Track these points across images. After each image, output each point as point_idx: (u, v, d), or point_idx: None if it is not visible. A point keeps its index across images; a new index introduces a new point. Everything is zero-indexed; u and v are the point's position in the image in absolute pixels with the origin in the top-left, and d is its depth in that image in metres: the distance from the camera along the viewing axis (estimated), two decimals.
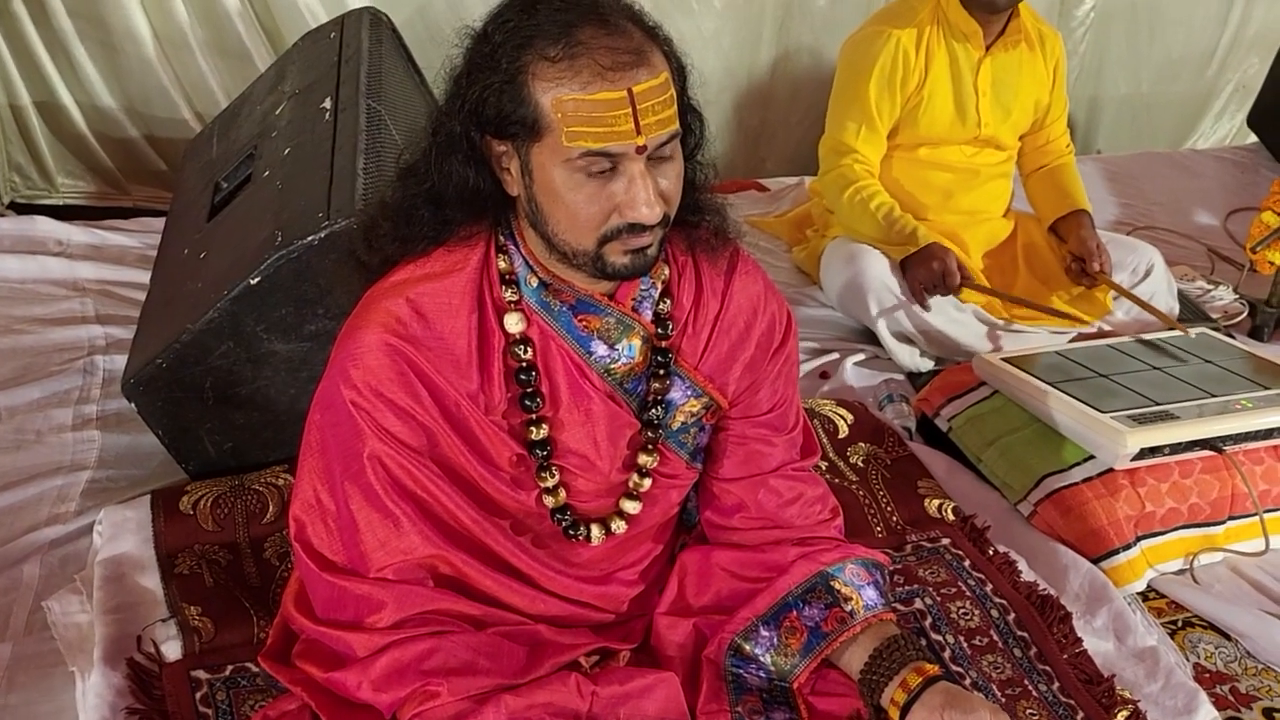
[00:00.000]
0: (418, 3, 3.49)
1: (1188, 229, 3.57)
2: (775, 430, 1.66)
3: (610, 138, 1.28)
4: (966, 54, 2.78)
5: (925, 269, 2.63)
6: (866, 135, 2.78)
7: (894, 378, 2.67)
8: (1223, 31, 4.70)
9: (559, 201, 1.34)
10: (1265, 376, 2.37)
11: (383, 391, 1.39)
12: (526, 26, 1.30)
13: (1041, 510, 2.16)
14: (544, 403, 1.48)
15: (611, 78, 1.27)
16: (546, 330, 1.47)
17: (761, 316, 1.60)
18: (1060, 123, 3.01)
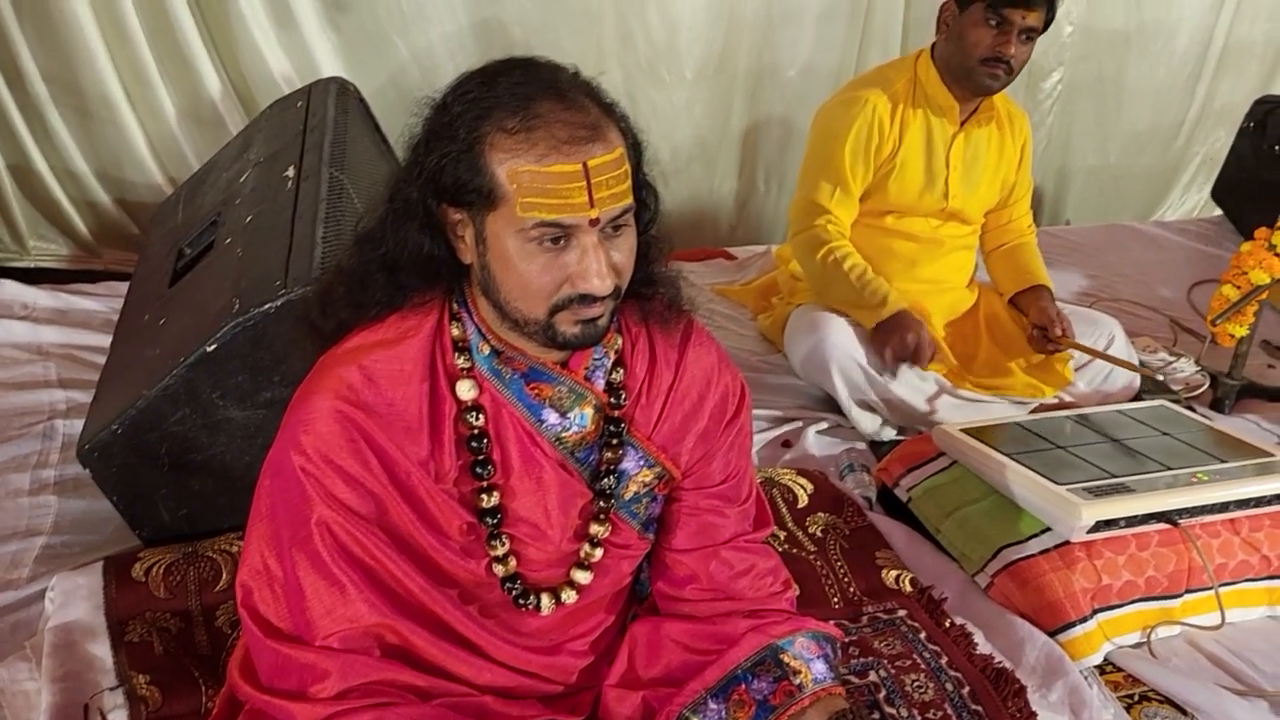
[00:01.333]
0: (390, 71, 3.53)
1: (1152, 301, 3.60)
2: (728, 501, 1.66)
3: (564, 210, 1.30)
4: (941, 127, 2.82)
5: (898, 339, 2.64)
6: (840, 197, 2.80)
7: (856, 447, 2.68)
8: (1189, 104, 4.79)
9: (512, 270, 1.35)
10: (1223, 450, 2.38)
11: (332, 458, 1.39)
12: (486, 98, 1.32)
13: (999, 582, 2.16)
14: (495, 470, 1.48)
15: (567, 151, 1.29)
16: (498, 398, 1.47)
17: (715, 388, 1.61)
18: (1024, 202, 3.05)
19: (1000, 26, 2.62)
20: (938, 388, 2.76)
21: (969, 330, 2.95)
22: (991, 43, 2.63)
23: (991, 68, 2.66)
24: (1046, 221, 4.70)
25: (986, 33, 2.63)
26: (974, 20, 2.65)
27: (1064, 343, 2.76)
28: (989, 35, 2.63)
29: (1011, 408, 2.75)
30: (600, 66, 3.68)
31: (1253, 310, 2.93)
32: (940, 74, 2.77)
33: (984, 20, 2.63)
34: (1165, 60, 4.61)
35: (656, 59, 3.79)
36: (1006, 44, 2.62)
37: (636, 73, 3.79)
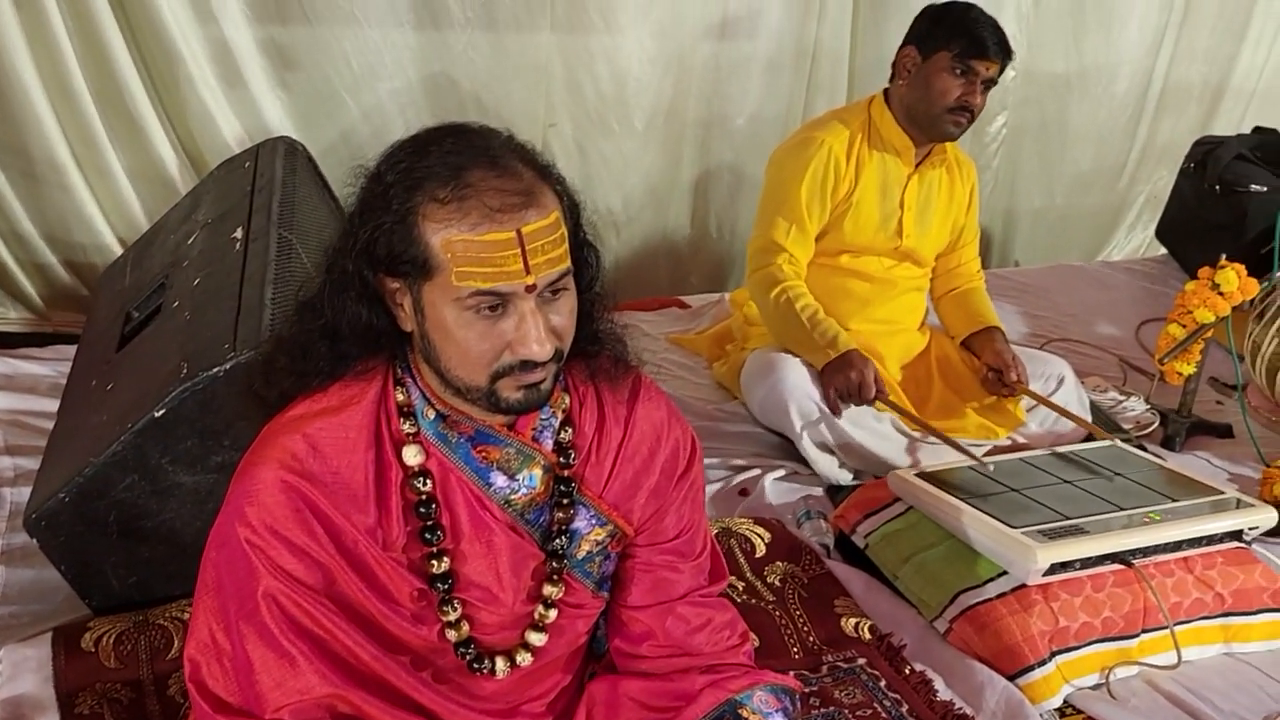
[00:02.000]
0: (341, 128, 3.53)
1: (1100, 340, 3.64)
2: (682, 556, 1.65)
3: (499, 278, 1.30)
4: (896, 168, 2.87)
5: (843, 376, 2.66)
6: (796, 235, 2.83)
7: (813, 494, 2.68)
8: (1131, 145, 4.88)
9: (450, 339, 1.35)
10: (1174, 489, 2.41)
11: (278, 529, 1.37)
12: (418, 168, 1.32)
13: (957, 627, 2.17)
14: (444, 535, 1.46)
15: (500, 219, 1.29)
16: (445, 462, 1.46)
17: (665, 442, 1.60)
18: (972, 247, 3.10)
19: (966, 76, 2.70)
20: (894, 429, 2.78)
21: (922, 373, 2.98)
22: (959, 92, 2.71)
23: (957, 116, 2.74)
24: (995, 263, 4.75)
25: (953, 82, 2.71)
26: (939, 69, 2.72)
27: (1019, 389, 2.79)
28: (956, 84, 2.71)
29: None
30: (550, 119, 3.73)
31: (1199, 348, 2.97)
32: (896, 117, 2.83)
33: (950, 69, 2.71)
34: (1106, 102, 4.69)
35: (606, 110, 3.81)
36: (973, 93, 2.72)
37: (586, 124, 3.81)
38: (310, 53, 3.43)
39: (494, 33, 3.55)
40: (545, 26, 3.58)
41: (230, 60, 3.37)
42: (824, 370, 2.70)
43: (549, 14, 3.57)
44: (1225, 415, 3.21)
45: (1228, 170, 3.95)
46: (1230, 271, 2.88)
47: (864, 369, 2.65)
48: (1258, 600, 2.28)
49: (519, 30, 3.57)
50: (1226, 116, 5.04)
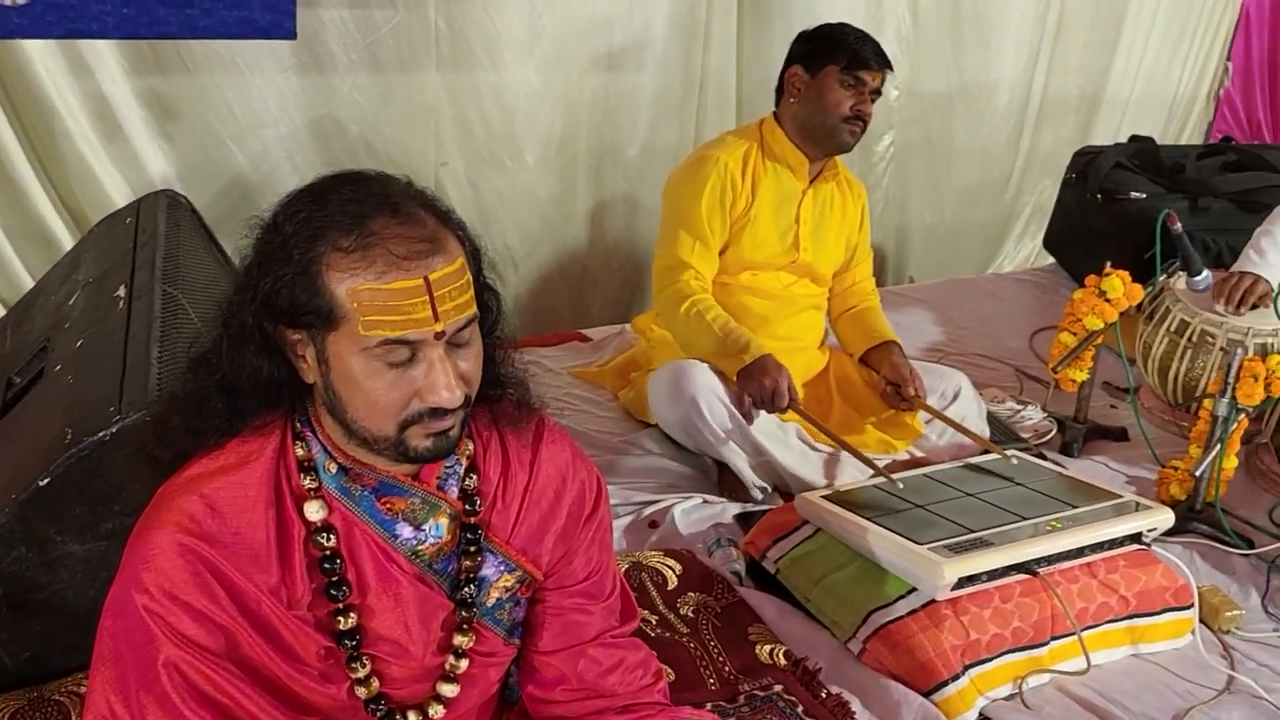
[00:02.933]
0: (228, 177, 3.47)
1: (996, 351, 3.71)
2: (592, 599, 1.63)
3: (408, 326, 1.28)
4: (791, 184, 2.94)
5: (757, 383, 2.68)
6: (701, 251, 2.87)
7: (723, 521, 2.67)
8: (1015, 158, 4.99)
9: (357, 389, 1.32)
10: (1074, 495, 2.45)
11: (177, 594, 1.33)
12: (318, 217, 1.29)
13: (870, 647, 2.18)
14: (350, 591, 1.43)
15: (407, 266, 1.27)
16: (349, 516, 1.43)
17: (571, 484, 1.59)
18: (865, 266, 3.16)
19: (855, 87, 2.82)
20: (797, 439, 2.81)
21: (822, 391, 3.01)
22: (851, 102, 2.83)
23: (851, 125, 2.85)
24: (891, 280, 4.82)
25: (844, 93, 2.83)
26: (829, 83, 2.83)
27: (917, 403, 2.82)
28: (847, 96, 2.83)
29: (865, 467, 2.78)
30: (442, 157, 3.71)
31: (1091, 355, 3.03)
32: (789, 135, 2.92)
33: (840, 82, 2.83)
34: (988, 117, 4.80)
35: (497, 146, 3.80)
36: (864, 102, 2.85)
37: (478, 161, 3.79)
38: (192, 102, 3.36)
39: (379, 74, 3.52)
40: (430, 66, 3.56)
41: (109, 113, 3.29)
42: (739, 376, 2.71)
43: (434, 53, 3.55)
44: (1120, 419, 3.28)
45: (1107, 179, 4.06)
46: (1115, 278, 2.94)
47: (778, 376, 2.68)
48: (1160, 600, 2.33)
49: (404, 70, 3.54)
50: (1104, 126, 5.18)
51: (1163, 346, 3.16)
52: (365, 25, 3.42)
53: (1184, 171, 4.07)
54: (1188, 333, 3.10)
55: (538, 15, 3.66)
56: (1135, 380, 3.30)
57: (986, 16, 4.58)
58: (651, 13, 3.87)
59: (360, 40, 3.44)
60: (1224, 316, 3.07)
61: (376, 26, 3.45)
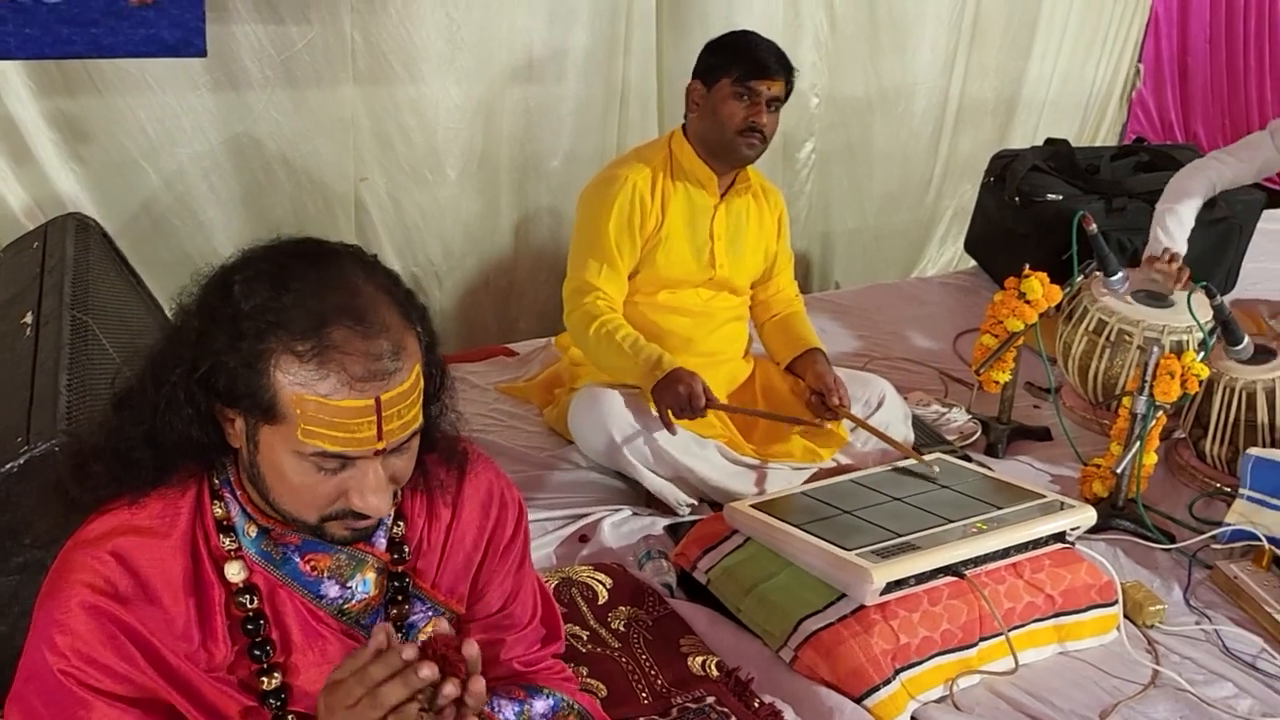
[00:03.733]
0: (142, 197, 3.40)
1: (920, 355, 3.74)
2: (507, 629, 1.61)
3: (350, 444, 1.23)
4: (702, 199, 2.92)
5: (672, 393, 2.66)
6: (608, 274, 2.84)
7: (653, 533, 2.67)
8: (934, 162, 5.04)
9: (283, 480, 1.28)
10: (999, 497, 2.47)
11: (94, 657, 1.27)
12: (274, 308, 1.22)
13: (802, 654, 2.18)
14: (275, 651, 1.39)
15: (360, 387, 1.22)
16: (272, 577, 1.39)
17: (492, 513, 1.56)
18: (787, 273, 3.16)
19: (750, 98, 2.78)
20: (719, 454, 2.79)
21: (747, 401, 3.00)
22: (744, 114, 2.79)
23: (748, 138, 2.81)
24: (817, 287, 4.84)
25: (737, 105, 2.79)
26: (724, 95, 2.80)
27: (841, 412, 2.83)
28: (740, 108, 2.79)
29: (794, 474, 2.79)
30: (361, 173, 3.67)
31: (1012, 356, 3.07)
32: (695, 149, 2.89)
33: (733, 94, 2.79)
34: (907, 122, 4.84)
35: (418, 161, 3.76)
36: (758, 113, 2.79)
37: (399, 175, 3.75)
38: (103, 122, 3.29)
39: (295, 89, 3.47)
40: (347, 80, 3.52)
41: (16, 135, 3.21)
42: (654, 391, 2.69)
43: (350, 67, 3.51)
44: (1043, 418, 3.32)
45: (1024, 182, 4.11)
46: (1034, 280, 2.98)
47: (691, 382, 2.66)
48: (1086, 598, 2.35)
49: (320, 85, 3.50)
50: (1021, 129, 5.26)
51: (1082, 346, 3.21)
52: (280, 40, 3.38)
53: (1098, 173, 4.13)
54: (1106, 332, 3.14)
55: (455, 27, 3.63)
56: (1057, 380, 3.34)
57: (902, 21, 4.63)
58: (570, 23, 3.86)
59: (275, 56, 3.39)
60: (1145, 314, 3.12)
61: (291, 41, 3.40)
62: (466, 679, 1.25)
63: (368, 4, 3.46)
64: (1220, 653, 2.38)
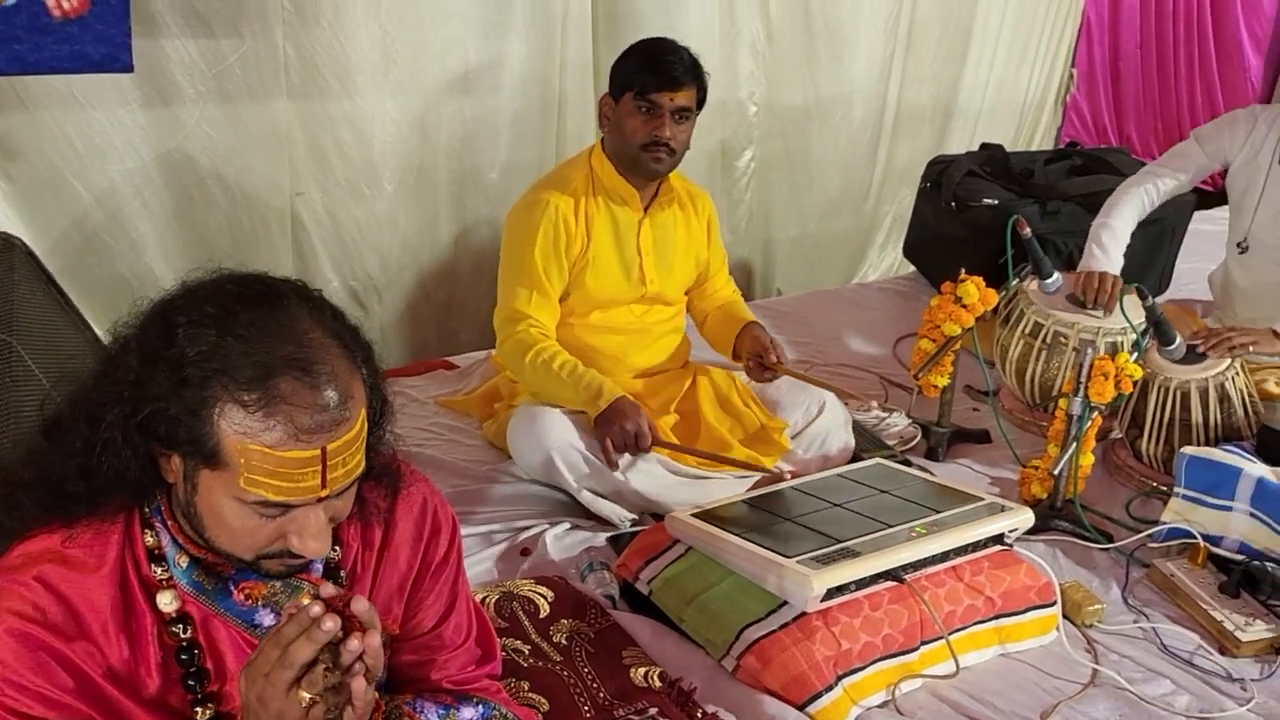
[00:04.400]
0: (73, 215, 3.34)
1: (861, 361, 3.75)
2: (437, 648, 1.60)
3: (294, 493, 1.22)
4: (626, 216, 2.88)
5: (617, 428, 2.64)
6: (539, 301, 2.81)
7: (595, 545, 2.66)
8: (873, 168, 5.08)
9: (221, 523, 1.26)
10: (939, 500, 2.48)
11: (25, 684, 1.26)
12: (219, 353, 1.20)
13: (744, 663, 2.18)
14: (209, 680, 1.37)
15: (306, 439, 1.20)
16: (205, 608, 1.37)
17: (425, 531, 1.55)
18: (722, 274, 3.16)
19: (652, 112, 2.74)
20: (662, 468, 2.79)
21: (690, 410, 2.99)
22: (647, 128, 2.74)
23: (653, 152, 2.76)
24: (759, 294, 4.85)
25: (640, 120, 2.75)
26: (627, 110, 2.77)
27: (779, 369, 2.82)
28: (642, 122, 2.75)
29: (736, 484, 2.79)
30: (297, 188, 3.63)
31: (950, 360, 3.08)
32: (614, 165, 2.85)
33: (636, 109, 2.75)
34: (845, 130, 4.87)
35: (354, 175, 3.73)
36: (661, 127, 2.74)
37: (335, 190, 3.71)
38: (31, 139, 3.23)
39: (228, 104, 3.43)
40: (281, 94, 3.49)
41: None
42: (596, 423, 2.68)
43: (283, 81, 3.47)
44: (982, 421, 3.34)
45: (960, 187, 4.14)
46: (970, 284, 3.00)
47: (637, 418, 2.65)
48: (1025, 599, 2.37)
49: (254, 100, 3.46)
50: (958, 135, 5.31)
51: (1018, 349, 3.24)
52: (211, 55, 3.34)
53: (1033, 177, 4.18)
54: (1042, 334, 3.17)
55: (390, 40, 3.61)
56: (995, 383, 3.37)
57: (838, 30, 4.66)
58: (505, 34, 3.85)
59: (206, 70, 3.35)
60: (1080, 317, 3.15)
61: (223, 56, 3.36)
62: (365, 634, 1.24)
63: (300, 17, 3.42)
64: (1158, 650, 2.40)
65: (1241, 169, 3.39)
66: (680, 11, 4.09)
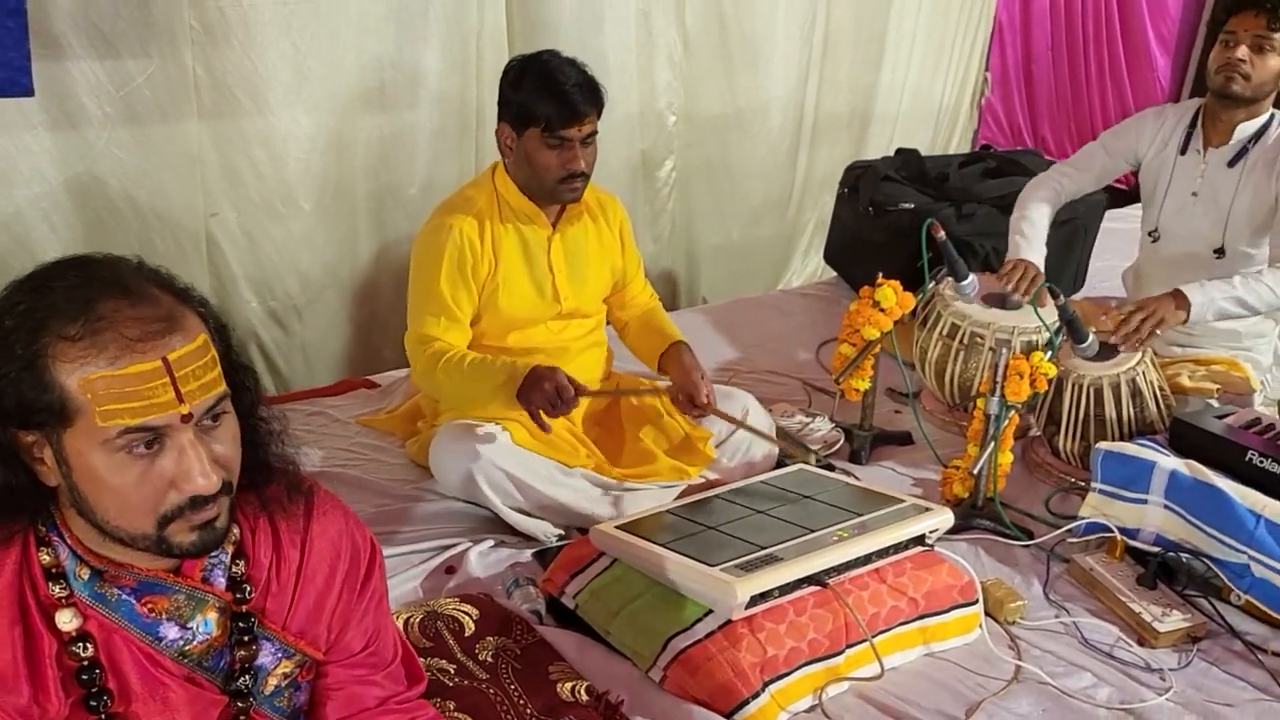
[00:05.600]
0: None
1: (785, 367, 3.77)
2: (373, 668, 1.59)
3: (150, 411, 1.21)
4: (535, 234, 2.83)
5: (538, 392, 2.56)
6: (448, 325, 2.76)
7: (520, 560, 2.64)
8: (793, 175, 5.12)
9: (104, 488, 1.24)
10: (861, 504, 2.50)
11: None
12: (40, 307, 1.21)
13: (671, 673, 2.18)
14: (112, 700, 1.35)
15: (142, 349, 1.20)
16: (107, 622, 1.34)
17: (344, 555, 1.53)
18: (639, 279, 3.13)
19: (562, 147, 2.66)
20: (587, 482, 2.77)
21: (611, 422, 2.99)
22: (560, 163, 2.67)
23: (570, 184, 2.71)
24: (685, 303, 4.87)
25: (551, 155, 2.67)
26: (535, 146, 2.68)
27: (708, 409, 2.82)
28: (555, 157, 2.67)
29: (661, 493, 2.79)
30: (211, 208, 3.57)
31: (871, 363, 3.11)
32: (519, 186, 2.78)
33: (545, 145, 2.66)
34: (765, 138, 4.91)
35: (270, 193, 3.68)
36: (574, 160, 2.67)
37: (251, 210, 3.67)
38: None
39: (137, 126, 3.37)
40: (192, 114, 3.43)
41: None
42: (519, 396, 2.59)
43: (194, 101, 3.42)
44: (904, 423, 3.37)
45: (877, 192, 4.19)
46: (887, 288, 3.03)
47: (554, 376, 2.57)
48: (948, 598, 2.39)
49: (164, 121, 3.40)
50: (876, 140, 5.37)
51: (937, 350, 3.27)
52: (118, 76, 3.28)
53: (948, 180, 4.23)
54: (959, 335, 3.21)
55: (302, 57, 3.57)
56: (915, 384, 3.41)
57: (754, 39, 4.69)
58: (421, 49, 3.82)
59: (114, 92, 3.29)
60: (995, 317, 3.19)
61: (130, 77, 3.30)
62: None
63: (209, 36, 3.37)
64: (1079, 644, 2.44)
65: (1151, 163, 3.48)
66: (596, 24, 4.09)
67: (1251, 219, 3.31)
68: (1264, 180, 3.26)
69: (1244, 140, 3.30)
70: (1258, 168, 3.27)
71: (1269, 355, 3.46)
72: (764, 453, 2.96)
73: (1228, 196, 3.32)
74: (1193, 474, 2.62)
